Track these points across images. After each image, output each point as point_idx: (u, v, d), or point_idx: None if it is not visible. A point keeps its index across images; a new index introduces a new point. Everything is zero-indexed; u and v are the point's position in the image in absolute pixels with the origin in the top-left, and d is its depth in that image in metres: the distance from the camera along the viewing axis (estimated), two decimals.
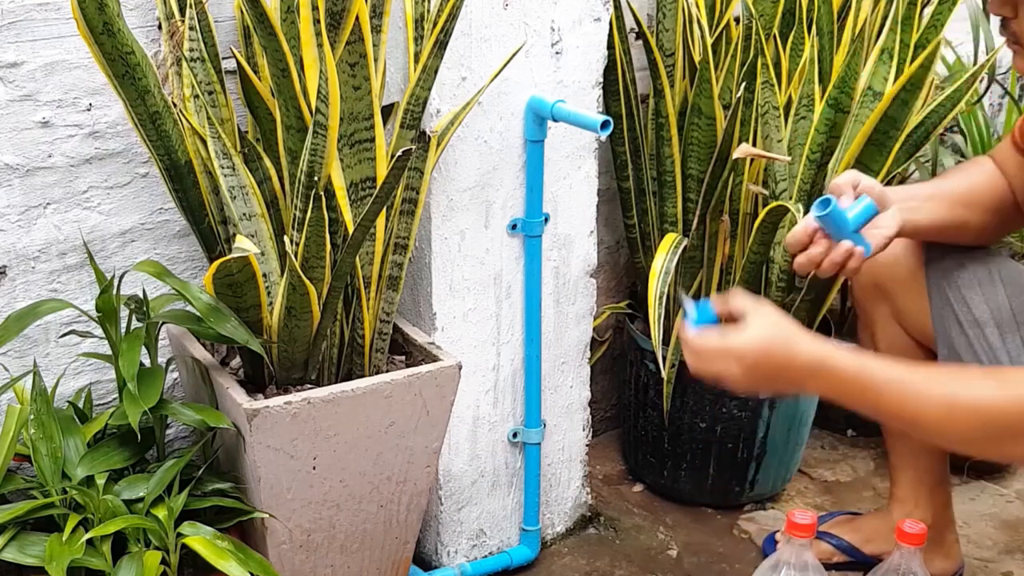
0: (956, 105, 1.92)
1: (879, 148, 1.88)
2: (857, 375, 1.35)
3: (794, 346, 1.36)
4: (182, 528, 1.48)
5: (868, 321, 1.86)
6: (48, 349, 1.70)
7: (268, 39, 1.43)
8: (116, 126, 1.66)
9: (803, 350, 1.37)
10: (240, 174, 1.51)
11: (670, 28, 1.98)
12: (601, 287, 2.24)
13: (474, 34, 1.68)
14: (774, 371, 1.37)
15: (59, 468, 1.48)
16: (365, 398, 1.57)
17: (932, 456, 1.88)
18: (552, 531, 2.07)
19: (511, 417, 1.93)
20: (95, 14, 1.36)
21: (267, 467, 1.53)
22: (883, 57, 1.86)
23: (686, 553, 2.06)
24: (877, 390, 1.34)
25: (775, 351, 1.36)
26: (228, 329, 1.49)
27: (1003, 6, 1.46)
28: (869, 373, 1.35)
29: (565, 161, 1.85)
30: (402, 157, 1.41)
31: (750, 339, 1.37)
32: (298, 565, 1.63)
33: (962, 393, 1.32)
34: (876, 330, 1.84)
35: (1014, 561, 2.06)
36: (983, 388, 1.32)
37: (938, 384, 1.34)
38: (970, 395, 1.32)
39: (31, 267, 1.65)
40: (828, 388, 1.37)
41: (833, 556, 1.96)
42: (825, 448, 2.42)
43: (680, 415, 2.10)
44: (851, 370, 1.35)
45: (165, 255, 1.75)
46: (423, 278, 1.79)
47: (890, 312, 1.80)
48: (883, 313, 1.81)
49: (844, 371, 1.35)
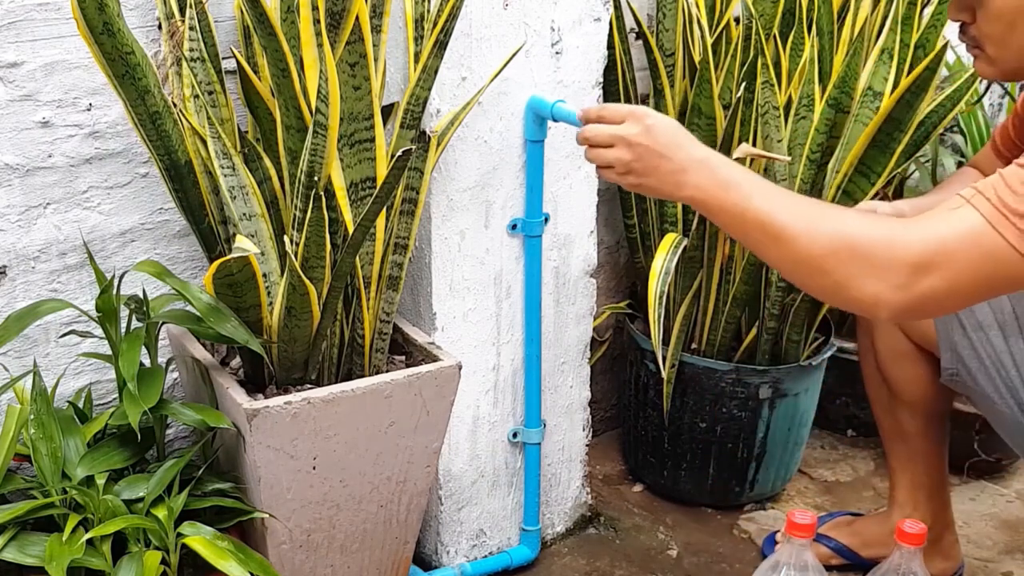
0: (956, 105, 1.92)
1: (881, 149, 1.88)
2: (731, 175, 1.37)
3: (686, 136, 1.42)
4: (182, 528, 1.48)
5: (868, 324, 1.86)
6: (48, 349, 1.70)
7: (268, 39, 1.43)
8: (116, 126, 1.66)
9: (694, 142, 1.42)
10: (240, 174, 1.51)
11: (670, 28, 1.98)
12: (601, 287, 2.24)
13: (474, 34, 1.68)
14: (661, 152, 1.40)
15: (59, 468, 1.48)
16: (365, 398, 1.57)
17: (931, 459, 1.88)
18: (552, 531, 2.07)
19: (511, 417, 1.93)
20: (95, 14, 1.36)
21: (267, 467, 1.53)
22: (883, 57, 1.86)
23: (686, 553, 2.06)
24: (748, 192, 1.35)
25: (668, 132, 1.41)
26: (228, 329, 1.49)
27: (960, 11, 1.46)
28: (749, 176, 1.37)
29: (565, 161, 1.85)
30: (402, 157, 1.41)
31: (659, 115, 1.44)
32: (298, 565, 1.63)
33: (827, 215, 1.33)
34: (876, 334, 1.84)
35: (1014, 561, 2.06)
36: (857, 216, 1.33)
37: (807, 201, 1.37)
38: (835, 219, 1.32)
39: (31, 267, 1.65)
40: (705, 183, 1.38)
41: (831, 559, 1.96)
42: (825, 448, 2.42)
43: (680, 415, 2.10)
44: (730, 170, 1.38)
45: (165, 255, 1.75)
46: (423, 278, 1.79)
47: None
48: None
49: (723, 169, 1.38)
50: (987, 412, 1.75)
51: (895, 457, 1.90)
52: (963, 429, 2.15)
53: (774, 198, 1.34)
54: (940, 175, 2.41)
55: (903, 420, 1.86)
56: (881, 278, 1.26)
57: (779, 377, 2.05)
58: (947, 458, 1.90)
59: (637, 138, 1.42)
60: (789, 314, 2.02)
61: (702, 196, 1.39)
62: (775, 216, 1.32)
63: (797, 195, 1.39)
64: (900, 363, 1.81)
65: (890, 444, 1.91)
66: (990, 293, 1.28)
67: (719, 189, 1.37)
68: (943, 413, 1.86)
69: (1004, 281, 1.24)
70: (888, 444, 1.92)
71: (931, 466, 1.88)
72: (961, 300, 1.29)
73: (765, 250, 1.36)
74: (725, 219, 1.39)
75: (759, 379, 2.04)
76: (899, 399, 1.84)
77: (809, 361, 2.08)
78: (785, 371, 2.05)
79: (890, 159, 1.89)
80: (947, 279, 1.25)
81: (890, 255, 1.26)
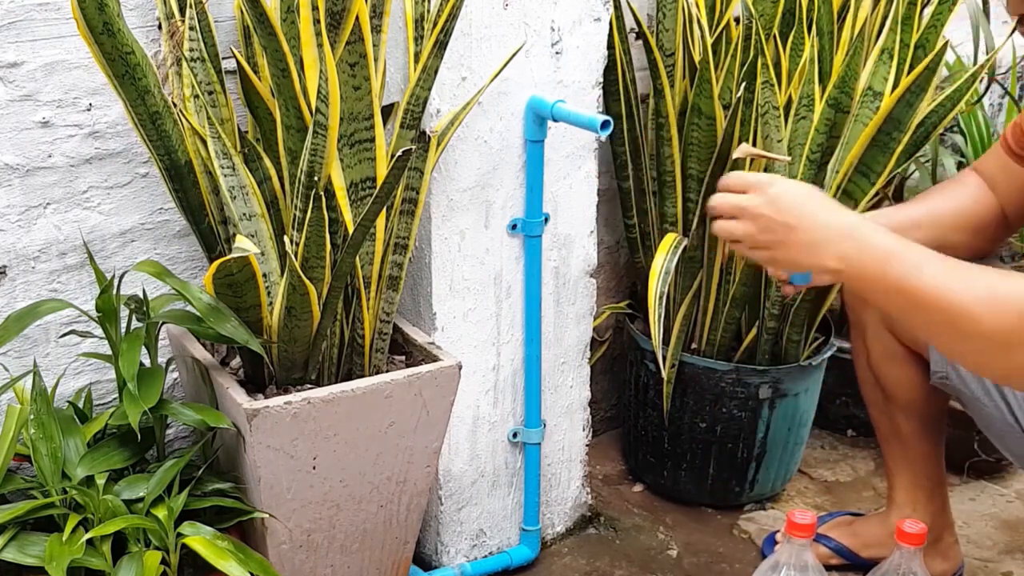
0: (956, 105, 1.92)
1: (882, 149, 1.88)
2: (893, 245, 1.23)
3: (829, 200, 1.30)
4: (182, 528, 1.48)
5: (860, 327, 1.86)
6: (48, 349, 1.70)
7: (268, 39, 1.43)
8: (116, 126, 1.66)
9: (838, 206, 1.29)
10: (240, 174, 1.51)
11: (670, 28, 1.98)
12: (601, 287, 2.24)
13: (474, 34, 1.68)
14: (789, 222, 1.28)
15: (59, 468, 1.48)
16: (365, 398, 1.57)
17: (928, 460, 1.88)
18: (552, 531, 2.07)
19: (511, 417, 1.93)
20: (95, 14, 1.35)
21: (267, 467, 1.53)
22: (883, 57, 1.86)
23: (686, 553, 2.06)
24: (915, 265, 1.21)
25: (811, 195, 1.29)
26: (228, 329, 1.49)
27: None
28: (906, 245, 1.23)
29: (565, 161, 1.85)
30: (402, 157, 1.41)
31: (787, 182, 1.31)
32: (298, 565, 1.63)
33: (1004, 282, 1.20)
34: (868, 335, 1.84)
35: (1014, 561, 2.06)
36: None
37: (980, 271, 1.22)
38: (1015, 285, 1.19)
39: (31, 267, 1.65)
40: (854, 253, 1.25)
41: (830, 559, 1.96)
42: (825, 448, 2.42)
43: (680, 415, 2.10)
44: (887, 238, 1.24)
45: (165, 255, 1.75)
46: (423, 278, 1.79)
47: (880, 318, 1.79)
48: (874, 319, 1.81)
49: (879, 237, 1.24)
50: (976, 414, 1.75)
51: (892, 458, 1.90)
52: (963, 429, 2.15)
53: (946, 270, 1.21)
54: (940, 175, 2.41)
55: (898, 422, 1.86)
56: None
57: (779, 377, 2.05)
58: (944, 458, 1.90)
59: (760, 208, 1.30)
60: (789, 314, 2.02)
61: (852, 270, 1.26)
62: (953, 292, 1.20)
63: (967, 263, 1.24)
64: (892, 365, 1.81)
65: (887, 446, 1.91)
66: None
67: (878, 263, 1.24)
68: (938, 414, 1.85)
69: None
70: (885, 446, 1.92)
71: (929, 467, 1.88)
72: None
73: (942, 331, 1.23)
74: (887, 297, 1.26)
75: (759, 379, 2.04)
76: (893, 401, 1.85)
77: (809, 361, 2.08)
78: (785, 371, 2.05)
79: (890, 159, 1.89)
80: None
81: None
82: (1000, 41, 2.21)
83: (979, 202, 1.66)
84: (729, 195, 1.35)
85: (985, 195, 1.66)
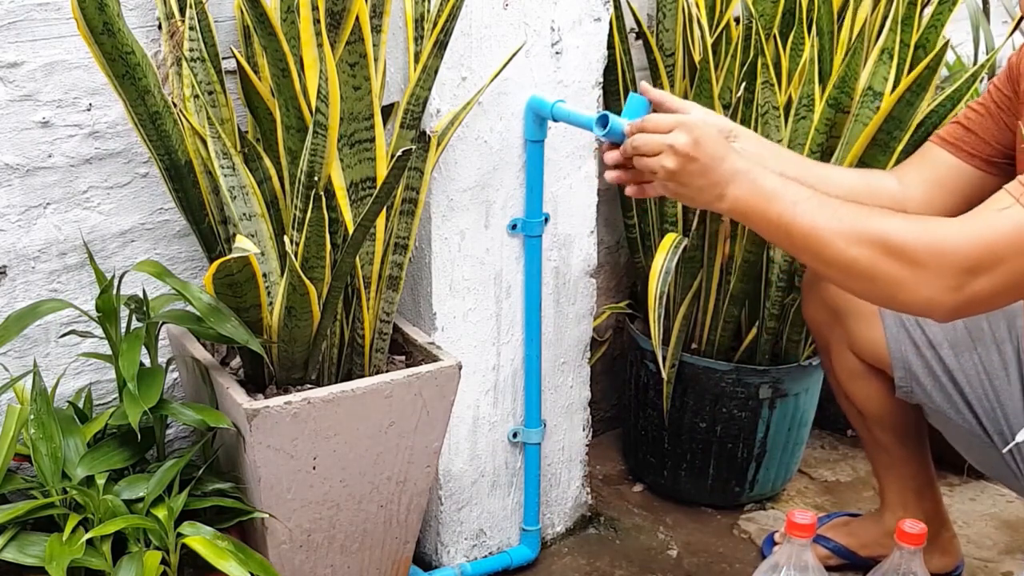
0: (956, 105, 1.92)
1: (882, 149, 1.88)
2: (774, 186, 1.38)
3: (729, 148, 1.42)
4: (182, 528, 1.48)
5: (825, 347, 1.86)
6: (48, 349, 1.70)
7: (268, 39, 1.43)
8: (116, 126, 1.66)
9: (736, 150, 1.43)
10: (240, 174, 1.51)
11: (670, 28, 1.98)
12: (601, 287, 2.24)
13: (474, 34, 1.68)
14: (709, 159, 1.40)
15: (59, 468, 1.48)
16: (365, 398, 1.57)
17: (912, 464, 1.87)
18: (552, 531, 2.07)
19: (511, 417, 1.93)
20: (95, 14, 1.36)
21: (267, 467, 1.53)
22: (883, 57, 1.86)
23: (686, 553, 2.06)
24: (792, 202, 1.36)
25: (713, 144, 1.41)
26: (228, 329, 1.49)
27: None
28: (787, 186, 1.38)
29: (565, 161, 1.85)
30: (402, 157, 1.41)
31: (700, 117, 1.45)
32: (298, 565, 1.63)
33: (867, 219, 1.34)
34: (832, 355, 1.84)
35: (1014, 561, 2.06)
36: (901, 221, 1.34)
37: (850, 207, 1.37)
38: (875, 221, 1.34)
39: (31, 267, 1.65)
40: (746, 195, 1.39)
41: (829, 559, 1.96)
42: (825, 448, 2.42)
43: (680, 415, 2.10)
44: (773, 180, 1.39)
45: (165, 255, 1.75)
46: (423, 278, 1.79)
47: (841, 337, 1.79)
48: (837, 339, 1.81)
49: (765, 180, 1.39)
50: (942, 426, 1.76)
51: (878, 464, 1.91)
52: None
53: (817, 207, 1.35)
54: None
55: (876, 433, 1.86)
56: (932, 282, 1.29)
57: (779, 377, 2.05)
58: (931, 458, 1.90)
59: (684, 148, 1.41)
60: (789, 314, 2.02)
61: (743, 208, 1.40)
62: (819, 226, 1.34)
63: (838, 201, 1.38)
64: (858, 383, 1.82)
65: (871, 453, 1.92)
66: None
67: (762, 200, 1.38)
68: (913, 422, 1.83)
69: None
70: (869, 453, 1.93)
71: (915, 470, 1.88)
72: (1012, 297, 1.34)
73: (812, 260, 1.38)
74: (768, 230, 1.40)
75: (759, 379, 2.04)
76: (866, 416, 1.85)
77: (809, 361, 2.08)
78: (785, 371, 2.05)
79: (890, 159, 1.89)
80: (998, 279, 1.28)
81: (940, 260, 1.28)
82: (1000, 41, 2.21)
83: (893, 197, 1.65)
84: (655, 135, 1.44)
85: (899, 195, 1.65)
